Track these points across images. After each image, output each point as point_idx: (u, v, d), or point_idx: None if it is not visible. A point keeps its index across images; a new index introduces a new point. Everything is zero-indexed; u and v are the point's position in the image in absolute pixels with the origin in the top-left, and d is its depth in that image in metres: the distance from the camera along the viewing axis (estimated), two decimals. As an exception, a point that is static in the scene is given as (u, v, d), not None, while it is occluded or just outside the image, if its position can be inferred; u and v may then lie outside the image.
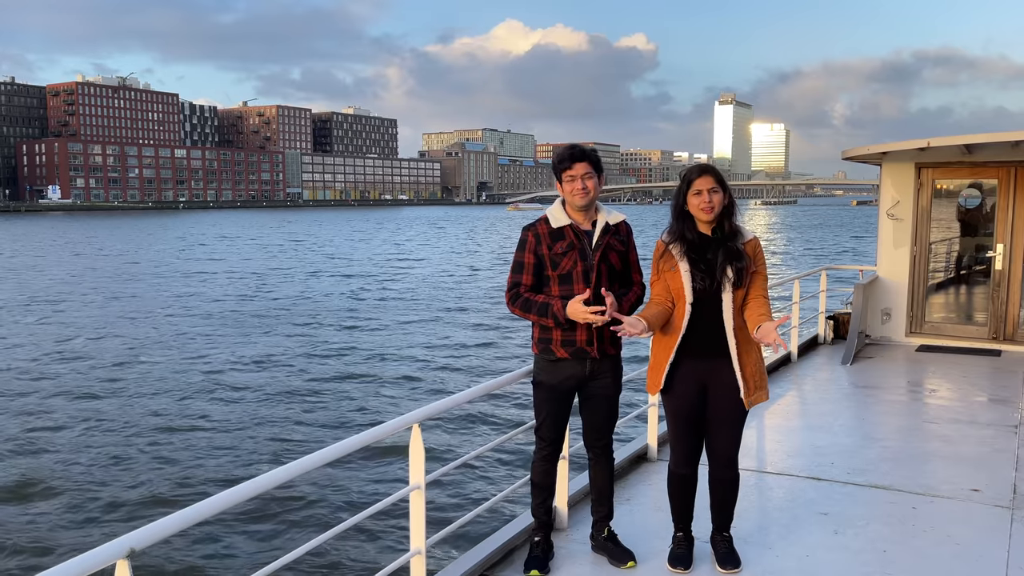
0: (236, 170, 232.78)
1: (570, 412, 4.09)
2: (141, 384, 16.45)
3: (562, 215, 3.95)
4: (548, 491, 4.16)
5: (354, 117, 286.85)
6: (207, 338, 22.02)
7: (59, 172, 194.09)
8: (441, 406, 3.87)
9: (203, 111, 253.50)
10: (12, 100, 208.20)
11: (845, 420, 7.14)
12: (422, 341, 21.47)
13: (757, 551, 4.28)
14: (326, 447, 3.14)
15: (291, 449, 12.05)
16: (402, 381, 16.75)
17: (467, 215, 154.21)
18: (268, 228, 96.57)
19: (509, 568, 4.11)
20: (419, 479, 3.53)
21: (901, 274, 10.46)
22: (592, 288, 3.86)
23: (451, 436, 12.49)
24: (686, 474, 4.07)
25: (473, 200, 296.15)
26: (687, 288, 3.84)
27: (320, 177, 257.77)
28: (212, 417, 13.91)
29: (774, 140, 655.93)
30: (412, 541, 3.57)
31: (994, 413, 7.26)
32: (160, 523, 2.40)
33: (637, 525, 4.58)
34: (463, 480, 10.38)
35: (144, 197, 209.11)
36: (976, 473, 5.60)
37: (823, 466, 5.74)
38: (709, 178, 3.81)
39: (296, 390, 15.85)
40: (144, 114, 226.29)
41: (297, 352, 19.90)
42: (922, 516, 4.84)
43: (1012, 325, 10.05)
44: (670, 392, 3.96)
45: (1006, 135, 8.80)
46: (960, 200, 10.86)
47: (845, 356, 9.48)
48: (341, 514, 9.20)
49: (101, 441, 12.60)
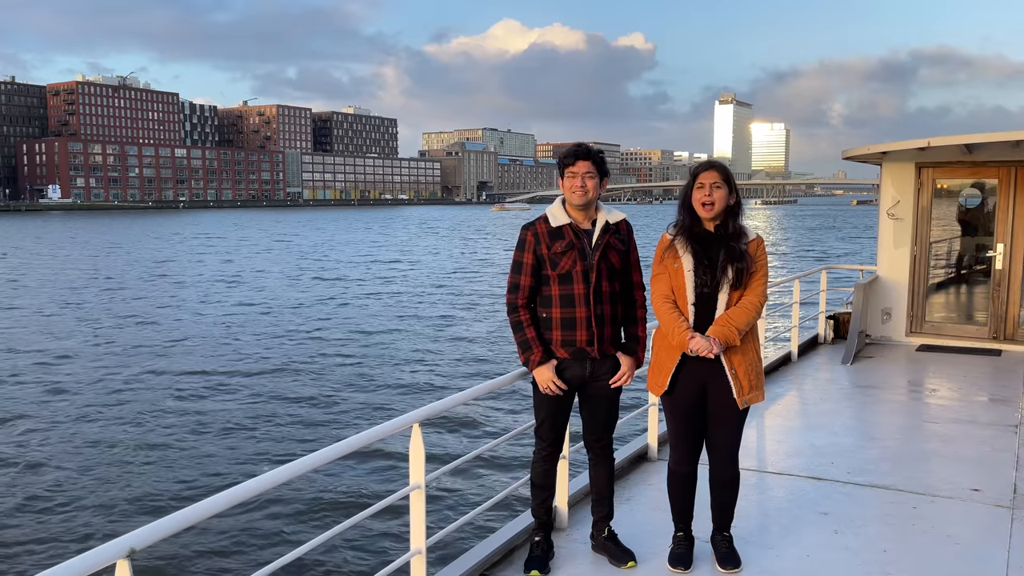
0: (236, 170, 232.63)
1: (570, 412, 4.09)
2: (141, 384, 16.44)
3: (562, 214, 3.94)
4: (548, 491, 4.15)
5: (354, 117, 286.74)
6: (207, 338, 22.02)
7: (59, 172, 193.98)
8: (441, 406, 3.87)
9: (203, 111, 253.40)
10: (12, 100, 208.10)
11: (845, 420, 7.14)
12: (422, 341, 21.47)
13: (757, 551, 4.28)
14: (326, 447, 3.14)
15: (291, 449, 12.05)
16: (402, 381, 16.75)
17: (456, 215, 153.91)
18: (256, 228, 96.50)
19: (509, 568, 4.11)
20: (419, 479, 3.53)
21: (901, 274, 10.45)
22: (592, 287, 3.87)
23: (451, 436, 12.49)
24: (686, 473, 4.07)
25: (473, 200, 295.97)
26: (689, 288, 3.83)
27: (320, 177, 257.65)
28: (212, 417, 13.91)
29: (774, 140, 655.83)
30: (412, 541, 3.57)
31: (994, 413, 7.25)
32: (160, 523, 2.40)
33: (637, 525, 4.58)
34: (463, 480, 10.38)
35: (144, 197, 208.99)
36: (976, 473, 5.59)
37: (823, 466, 5.73)
38: (714, 172, 3.81)
39: (296, 390, 15.85)
40: (144, 113, 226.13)
41: (297, 352, 19.90)
42: (922, 516, 4.83)
43: (1012, 325, 10.05)
44: (671, 392, 3.95)
45: (1006, 135, 8.79)
46: (960, 200, 10.85)
47: (845, 356, 9.48)
48: (341, 514, 9.20)
49: (101, 441, 12.60)
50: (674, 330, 3.81)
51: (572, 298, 3.87)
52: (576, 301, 3.87)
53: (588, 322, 3.88)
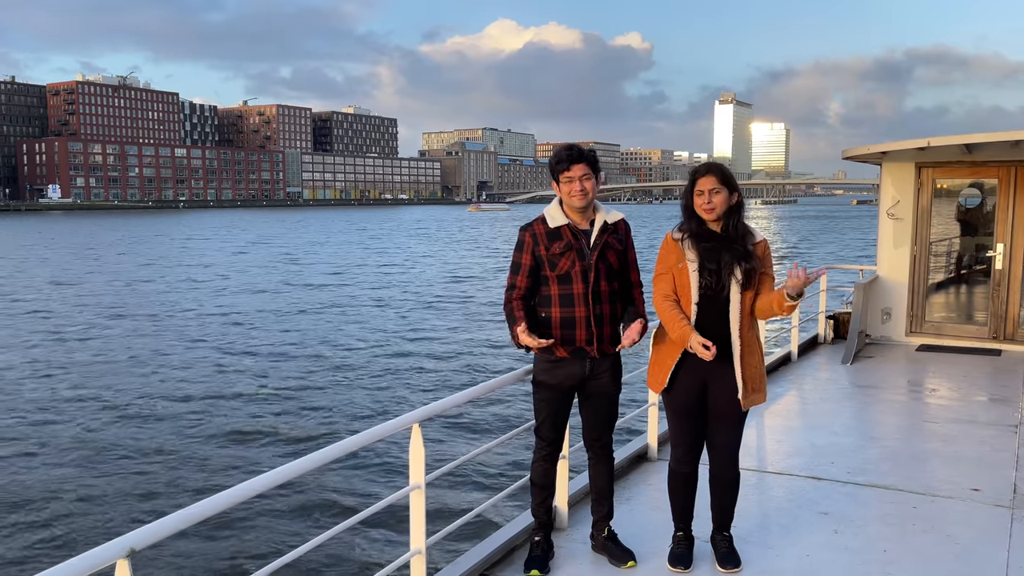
0: (236, 169, 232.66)
1: (570, 412, 4.09)
2: (141, 384, 16.45)
3: (559, 215, 3.94)
4: (548, 491, 4.15)
5: (354, 116, 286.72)
6: (207, 339, 22.02)
7: (59, 171, 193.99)
8: (441, 406, 3.87)
9: (203, 110, 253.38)
10: (12, 99, 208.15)
11: (845, 420, 7.14)
12: (422, 341, 21.47)
13: (757, 551, 4.28)
14: (326, 447, 3.14)
15: (291, 449, 12.05)
16: (402, 381, 16.76)
17: (431, 215, 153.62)
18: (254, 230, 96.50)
19: (509, 568, 4.11)
20: (419, 479, 3.53)
21: (901, 274, 10.45)
22: (591, 287, 3.87)
23: (451, 436, 12.48)
24: (687, 472, 4.07)
25: (473, 199, 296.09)
26: (693, 287, 3.83)
27: (320, 176, 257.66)
28: (212, 417, 13.91)
29: (774, 139, 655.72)
30: (412, 541, 3.57)
31: (994, 413, 7.25)
32: (160, 523, 2.40)
33: (637, 525, 4.58)
34: (463, 480, 10.38)
35: (144, 196, 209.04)
36: (976, 473, 5.60)
37: (823, 466, 5.74)
38: (711, 178, 3.80)
39: (296, 390, 15.85)
40: (144, 113, 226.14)
41: (296, 352, 19.90)
42: (922, 516, 4.83)
43: (1012, 325, 10.05)
44: (671, 390, 3.95)
45: (1006, 134, 8.79)
46: (960, 200, 10.85)
47: (845, 356, 9.48)
48: (341, 514, 9.20)
49: (101, 441, 12.60)
50: (674, 325, 3.81)
51: (571, 298, 3.88)
52: (575, 301, 3.88)
53: (587, 321, 3.88)
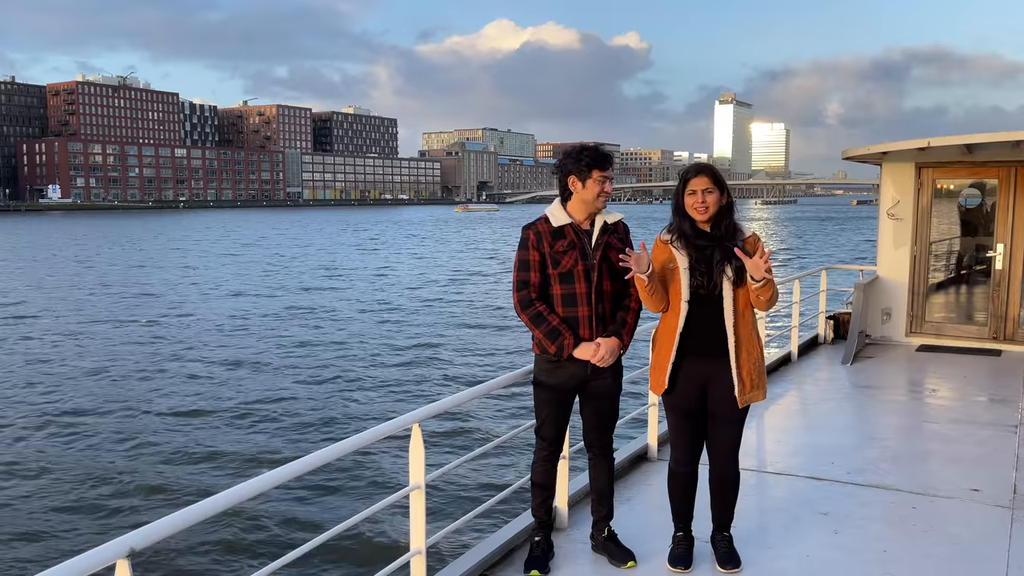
0: (236, 169, 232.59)
1: (571, 412, 4.09)
2: (141, 385, 16.45)
3: (562, 214, 3.95)
4: (548, 491, 4.16)
5: (354, 117, 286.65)
6: (206, 339, 22.02)
7: (59, 171, 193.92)
8: (441, 406, 3.87)
9: (203, 110, 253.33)
10: (12, 99, 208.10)
11: (845, 420, 7.14)
12: (422, 341, 21.47)
13: (757, 551, 4.28)
14: (326, 447, 3.14)
15: (291, 449, 12.05)
16: (402, 381, 16.75)
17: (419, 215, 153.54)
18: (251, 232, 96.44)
19: (509, 568, 4.11)
20: (419, 479, 3.53)
21: (901, 274, 10.45)
22: (593, 287, 3.88)
23: (451, 436, 12.48)
24: (687, 472, 4.07)
25: (474, 199, 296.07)
26: (684, 287, 3.84)
27: (320, 177, 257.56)
28: (212, 417, 13.91)
29: (774, 140, 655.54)
30: (412, 541, 3.57)
31: (994, 413, 7.25)
32: (160, 523, 2.40)
33: (637, 525, 4.58)
34: (463, 480, 10.37)
35: (144, 196, 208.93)
36: (976, 473, 5.59)
37: (823, 466, 5.74)
38: (704, 178, 3.80)
39: (296, 390, 15.85)
40: (144, 113, 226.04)
41: (296, 352, 19.91)
42: (922, 516, 4.83)
43: (1012, 325, 10.05)
44: (671, 391, 3.96)
45: (1006, 135, 8.79)
46: (960, 200, 10.85)
47: (845, 356, 9.48)
48: (341, 514, 9.19)
49: (101, 441, 12.60)
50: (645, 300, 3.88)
51: (574, 297, 3.88)
52: (578, 300, 3.89)
53: (589, 321, 3.89)
